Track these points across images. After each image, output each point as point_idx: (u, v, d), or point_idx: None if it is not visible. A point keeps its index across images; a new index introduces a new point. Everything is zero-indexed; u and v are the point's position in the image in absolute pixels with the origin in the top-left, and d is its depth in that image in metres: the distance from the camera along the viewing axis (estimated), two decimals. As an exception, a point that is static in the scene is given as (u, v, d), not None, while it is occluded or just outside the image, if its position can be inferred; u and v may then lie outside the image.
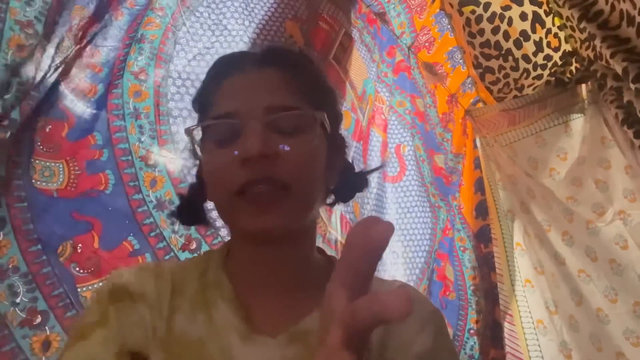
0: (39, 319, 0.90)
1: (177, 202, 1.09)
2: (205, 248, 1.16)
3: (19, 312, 0.90)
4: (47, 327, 0.90)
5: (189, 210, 0.66)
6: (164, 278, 0.57)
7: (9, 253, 0.93)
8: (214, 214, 0.61)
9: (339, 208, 1.52)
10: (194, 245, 1.15)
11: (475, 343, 1.96)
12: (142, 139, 1.16)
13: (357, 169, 0.69)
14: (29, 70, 0.96)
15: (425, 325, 0.58)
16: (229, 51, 1.32)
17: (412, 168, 1.93)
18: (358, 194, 0.72)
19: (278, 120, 0.54)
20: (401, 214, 1.83)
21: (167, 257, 1.11)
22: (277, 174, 0.52)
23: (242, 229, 0.56)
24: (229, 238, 0.62)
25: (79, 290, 0.98)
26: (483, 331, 2.00)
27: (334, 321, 0.32)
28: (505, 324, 1.99)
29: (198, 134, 0.59)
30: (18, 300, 0.91)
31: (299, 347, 0.52)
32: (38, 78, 0.99)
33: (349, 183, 0.66)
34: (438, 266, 1.95)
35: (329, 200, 0.65)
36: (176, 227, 1.13)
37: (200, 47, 1.32)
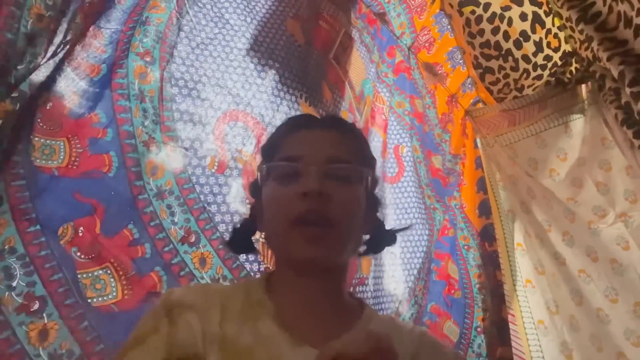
0: (36, 305, 0.84)
1: (177, 192, 1.11)
2: (204, 242, 1.13)
3: (15, 296, 0.83)
4: (44, 315, 0.84)
5: (241, 241, 0.78)
6: (211, 294, 0.67)
7: (6, 233, 0.85)
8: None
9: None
10: (193, 239, 1.12)
11: (482, 341, 1.95)
12: (146, 123, 1.11)
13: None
14: (42, 42, 0.91)
15: None
16: (232, 44, 1.38)
17: (410, 169, 1.93)
18: None
19: (334, 169, 0.66)
20: (399, 215, 1.82)
21: (166, 249, 1.07)
22: (327, 212, 0.63)
23: (291, 258, 0.66)
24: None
25: (79, 276, 0.91)
26: (490, 329, 1.98)
27: None
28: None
29: (262, 173, 0.70)
30: (14, 284, 0.84)
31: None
32: (50, 52, 0.94)
33: (380, 237, 0.78)
34: (437, 266, 1.94)
35: (361, 250, 0.75)
36: (175, 218, 1.09)
37: (204, 37, 1.29)
